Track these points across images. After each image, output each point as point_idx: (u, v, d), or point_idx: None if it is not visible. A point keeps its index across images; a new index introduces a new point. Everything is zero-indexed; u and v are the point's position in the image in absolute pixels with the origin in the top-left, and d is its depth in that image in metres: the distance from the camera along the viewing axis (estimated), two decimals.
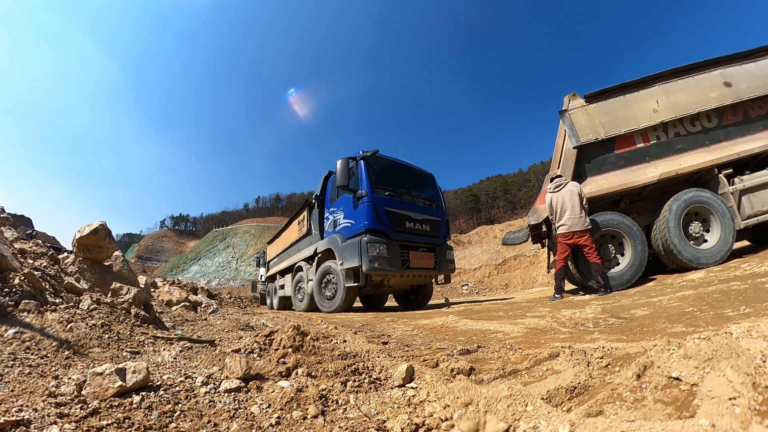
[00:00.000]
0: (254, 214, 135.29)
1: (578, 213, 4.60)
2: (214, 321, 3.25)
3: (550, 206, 4.86)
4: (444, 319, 3.47)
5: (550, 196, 4.87)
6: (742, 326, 1.16)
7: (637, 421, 0.90)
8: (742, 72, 4.94)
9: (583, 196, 4.67)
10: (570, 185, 4.75)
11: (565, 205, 4.67)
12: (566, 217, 4.66)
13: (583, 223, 4.59)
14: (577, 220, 4.59)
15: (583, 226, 4.59)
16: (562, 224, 4.72)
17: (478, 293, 14.33)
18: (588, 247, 4.59)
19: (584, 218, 4.60)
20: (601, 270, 4.57)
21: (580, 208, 4.60)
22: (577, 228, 4.60)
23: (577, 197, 4.63)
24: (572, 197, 4.64)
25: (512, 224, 29.57)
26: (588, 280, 4.95)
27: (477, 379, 1.44)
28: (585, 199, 4.67)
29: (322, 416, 1.18)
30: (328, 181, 6.87)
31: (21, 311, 1.59)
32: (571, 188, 4.71)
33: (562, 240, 4.76)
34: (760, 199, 4.65)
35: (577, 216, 4.59)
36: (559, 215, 4.76)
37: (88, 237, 3.20)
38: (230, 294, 23.59)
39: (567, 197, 4.67)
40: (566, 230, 4.68)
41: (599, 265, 4.56)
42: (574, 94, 5.27)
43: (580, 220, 4.59)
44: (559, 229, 4.76)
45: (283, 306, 9.95)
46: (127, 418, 1.02)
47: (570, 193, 4.67)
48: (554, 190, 4.83)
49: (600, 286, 4.55)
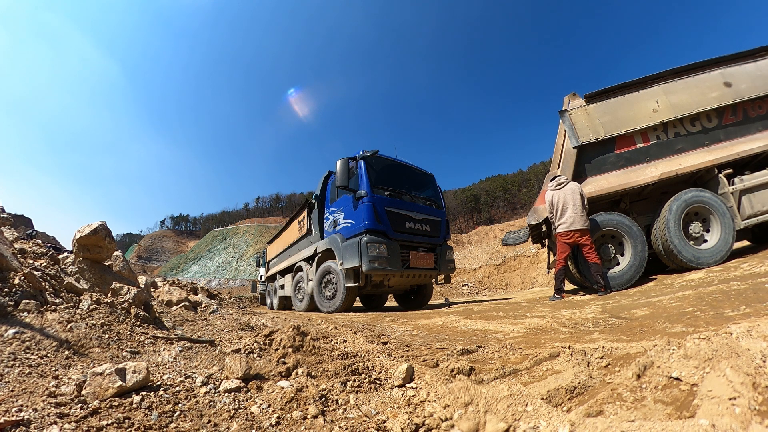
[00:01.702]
0: (254, 214, 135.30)
1: (579, 212, 4.59)
2: (214, 321, 3.25)
3: (551, 204, 4.85)
4: (444, 319, 3.47)
5: (551, 193, 4.86)
6: (742, 326, 1.16)
7: (637, 421, 0.90)
8: (742, 72, 4.94)
9: (584, 196, 4.68)
10: (572, 184, 4.75)
11: (566, 204, 4.67)
12: (567, 215, 4.66)
13: (584, 222, 4.59)
14: (578, 218, 4.59)
15: (583, 225, 4.59)
16: (562, 222, 4.71)
17: (478, 293, 14.33)
18: (587, 247, 4.59)
19: (585, 217, 4.60)
20: (600, 270, 4.57)
21: (582, 207, 4.60)
22: (577, 227, 4.59)
23: (578, 196, 4.63)
24: (573, 196, 4.64)
25: (512, 224, 29.57)
26: (588, 280, 4.96)
27: (477, 379, 1.44)
28: (586, 199, 4.67)
29: (322, 416, 1.18)
30: (328, 181, 6.87)
31: (21, 311, 1.59)
32: (572, 187, 4.71)
33: (561, 239, 4.75)
34: (760, 199, 4.65)
35: (578, 215, 4.59)
36: (559, 213, 4.75)
37: (88, 237, 3.20)
38: (230, 294, 23.60)
39: (569, 196, 4.66)
40: (566, 229, 4.67)
41: (599, 265, 4.56)
42: (574, 94, 5.27)
43: (581, 219, 4.59)
44: (559, 228, 4.76)
45: (283, 306, 9.95)
46: (127, 418, 1.02)
47: (571, 192, 4.67)
48: (556, 188, 4.82)
49: (600, 287, 4.55)
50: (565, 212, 4.68)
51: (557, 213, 4.78)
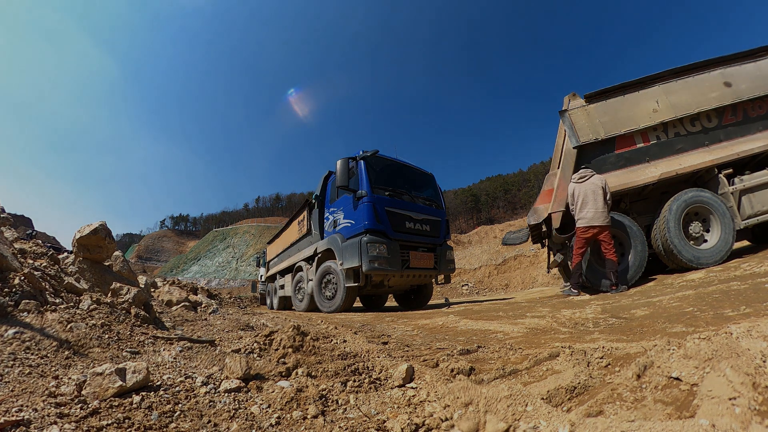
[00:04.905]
0: (254, 214, 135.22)
1: (600, 207, 4.51)
2: (214, 321, 3.25)
3: (572, 196, 4.77)
4: (444, 319, 3.47)
5: (574, 186, 4.78)
6: (742, 326, 1.16)
7: (637, 421, 0.90)
8: (742, 72, 4.94)
9: (607, 191, 4.58)
10: (595, 178, 4.66)
11: (587, 198, 4.59)
12: (587, 210, 4.58)
13: (604, 218, 4.52)
14: (599, 214, 4.51)
15: (604, 221, 4.52)
16: (581, 217, 4.63)
17: (478, 293, 14.34)
18: (606, 243, 4.51)
19: (606, 213, 4.53)
20: (615, 267, 4.50)
21: (603, 203, 4.52)
22: (598, 222, 4.52)
23: (600, 191, 4.55)
24: (595, 190, 4.56)
25: (512, 224, 29.54)
26: (588, 280, 4.95)
27: (477, 379, 1.44)
28: (609, 194, 4.58)
29: (322, 416, 1.18)
30: (328, 181, 6.87)
31: (21, 311, 1.59)
32: (595, 181, 4.62)
33: (581, 234, 4.67)
34: (760, 199, 4.65)
35: (599, 210, 4.51)
36: (580, 207, 4.66)
37: (88, 237, 3.20)
38: (230, 294, 23.60)
39: (590, 190, 4.59)
40: (586, 224, 4.59)
41: (615, 263, 4.48)
42: (574, 94, 5.27)
43: (602, 215, 4.51)
44: (579, 222, 4.67)
45: (283, 306, 9.95)
46: (127, 418, 1.02)
47: (594, 186, 4.59)
48: (578, 181, 4.74)
49: (612, 284, 4.49)
50: (585, 207, 4.60)
51: (577, 207, 4.69)
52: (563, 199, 5.02)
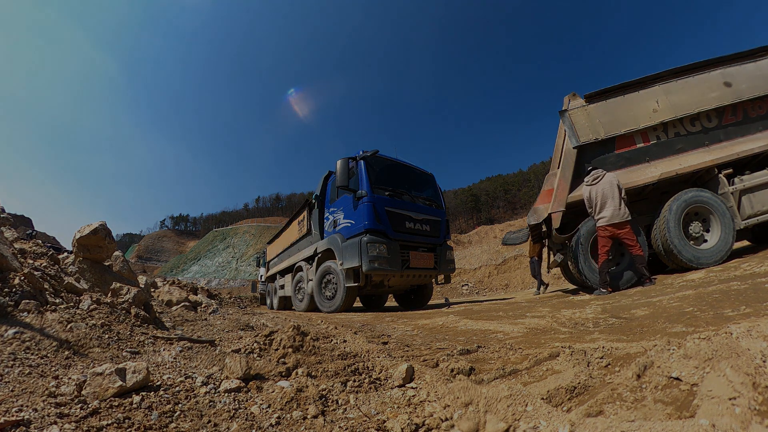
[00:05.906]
0: (254, 214, 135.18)
1: (618, 204, 4.51)
2: (214, 321, 3.25)
3: (588, 199, 4.75)
4: (444, 319, 3.47)
5: (588, 188, 4.76)
6: (742, 326, 1.16)
7: (637, 421, 0.90)
8: (742, 72, 4.94)
9: (622, 188, 4.58)
10: (608, 176, 4.65)
11: (606, 197, 4.57)
12: (606, 209, 4.56)
13: (623, 214, 4.50)
14: (617, 212, 4.50)
15: (623, 217, 4.50)
16: (602, 217, 4.62)
17: (478, 293, 14.34)
18: (629, 239, 4.49)
19: (625, 209, 4.52)
20: (644, 261, 4.45)
21: (620, 200, 4.52)
22: (617, 220, 4.50)
23: (616, 189, 4.55)
24: (612, 189, 4.55)
25: (512, 224, 29.54)
26: (588, 280, 4.95)
27: (477, 379, 1.44)
28: (623, 190, 4.58)
29: (322, 416, 1.18)
30: (328, 181, 6.88)
31: (21, 311, 1.59)
32: (609, 179, 4.62)
33: (601, 233, 4.65)
34: (760, 199, 4.65)
35: (617, 207, 4.50)
36: (599, 208, 4.64)
37: (88, 237, 3.20)
38: (230, 294, 23.58)
39: (607, 189, 4.57)
40: (606, 223, 4.57)
41: (643, 257, 4.44)
42: (574, 94, 5.27)
43: (620, 212, 4.50)
44: (599, 222, 4.65)
45: (283, 306, 9.95)
46: (127, 418, 1.02)
47: (609, 185, 4.58)
48: (592, 183, 4.73)
49: (645, 278, 4.43)
50: (605, 206, 4.58)
51: (596, 208, 4.68)
52: (563, 199, 5.01)
